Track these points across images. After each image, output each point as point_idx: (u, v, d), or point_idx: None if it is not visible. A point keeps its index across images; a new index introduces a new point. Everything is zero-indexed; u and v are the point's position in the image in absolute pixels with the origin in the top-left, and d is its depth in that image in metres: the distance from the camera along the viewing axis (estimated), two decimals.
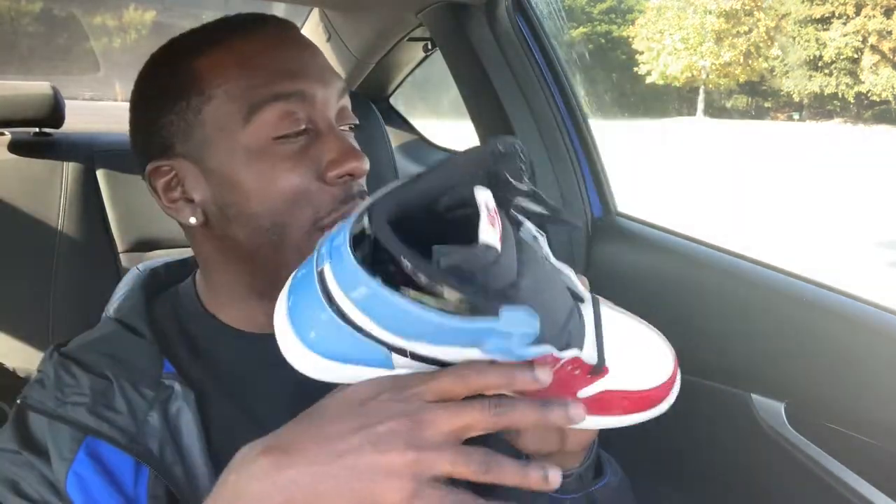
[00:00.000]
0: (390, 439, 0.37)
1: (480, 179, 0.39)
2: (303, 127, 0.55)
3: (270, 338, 0.44)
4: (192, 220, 0.58)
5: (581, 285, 0.44)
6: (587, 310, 0.43)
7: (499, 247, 0.35)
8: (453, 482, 0.38)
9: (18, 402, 0.55)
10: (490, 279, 0.35)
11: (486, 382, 0.38)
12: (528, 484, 0.38)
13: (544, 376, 0.38)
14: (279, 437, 0.40)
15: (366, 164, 0.57)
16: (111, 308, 0.64)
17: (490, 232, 0.35)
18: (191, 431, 0.54)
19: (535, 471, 0.38)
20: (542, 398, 0.39)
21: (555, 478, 0.38)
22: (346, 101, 0.60)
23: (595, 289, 0.46)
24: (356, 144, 0.60)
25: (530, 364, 0.38)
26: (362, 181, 0.58)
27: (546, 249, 0.43)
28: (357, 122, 0.61)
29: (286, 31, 0.59)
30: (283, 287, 0.43)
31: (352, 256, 0.36)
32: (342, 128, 0.60)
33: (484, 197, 0.36)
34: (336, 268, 0.37)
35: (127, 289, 0.66)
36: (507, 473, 0.38)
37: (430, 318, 0.35)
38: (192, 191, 0.57)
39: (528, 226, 0.42)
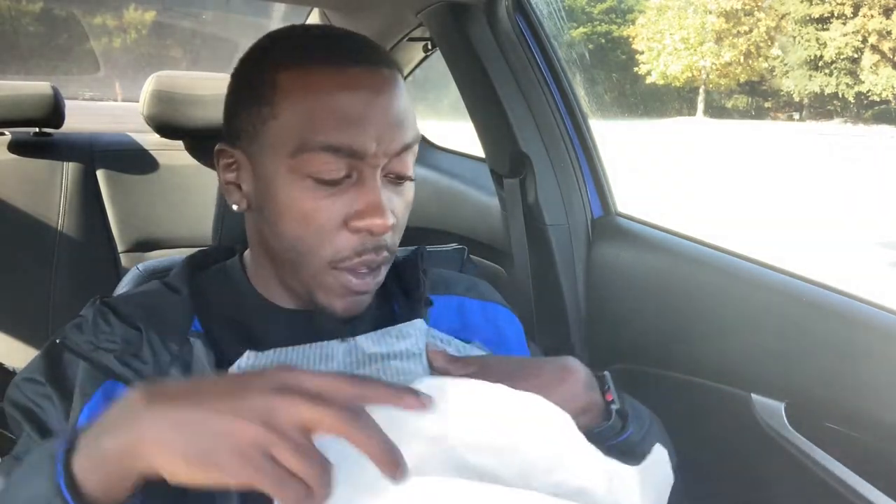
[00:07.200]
0: (249, 409, 0.40)
1: None
2: (342, 175, 0.57)
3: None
4: (235, 207, 0.63)
5: None
6: None
7: None
8: None
9: (57, 341, 0.59)
10: None
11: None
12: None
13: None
14: (156, 386, 0.44)
15: (387, 222, 0.57)
16: None
17: None
18: None
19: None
20: None
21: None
22: (407, 155, 0.60)
23: (595, 289, 0.46)
24: (393, 198, 0.60)
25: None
26: (386, 236, 0.59)
27: None
28: (412, 176, 0.62)
29: (369, 69, 0.59)
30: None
31: None
32: (392, 176, 0.60)
33: None
34: None
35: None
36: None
37: None
38: (243, 181, 0.63)
39: None
